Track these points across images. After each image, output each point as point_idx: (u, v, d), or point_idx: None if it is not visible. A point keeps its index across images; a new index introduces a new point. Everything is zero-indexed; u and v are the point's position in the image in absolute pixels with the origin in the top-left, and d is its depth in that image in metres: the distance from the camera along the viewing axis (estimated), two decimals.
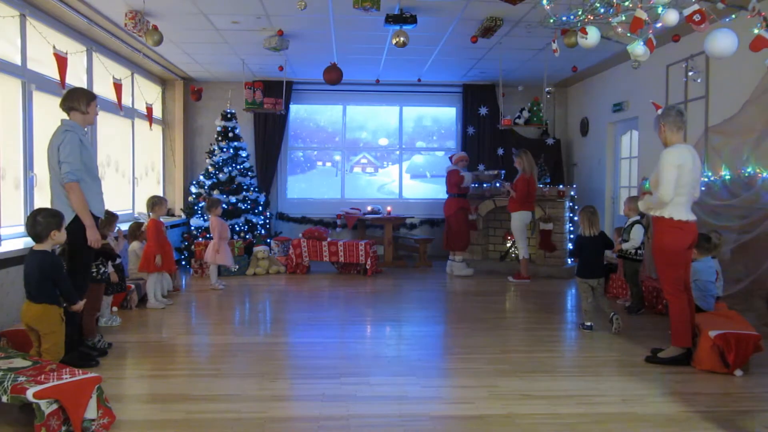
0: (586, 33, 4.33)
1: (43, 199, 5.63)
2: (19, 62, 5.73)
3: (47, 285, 3.86)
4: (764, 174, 5.33)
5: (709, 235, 5.22)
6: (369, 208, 10.20)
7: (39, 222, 3.85)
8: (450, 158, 9.04)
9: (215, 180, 9.07)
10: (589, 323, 5.43)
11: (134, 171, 8.78)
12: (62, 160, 4.19)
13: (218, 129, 9.34)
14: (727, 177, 5.77)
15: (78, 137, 4.28)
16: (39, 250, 3.89)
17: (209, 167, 9.20)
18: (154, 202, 6.48)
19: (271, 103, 8.85)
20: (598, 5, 4.24)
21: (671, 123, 4.45)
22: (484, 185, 9.14)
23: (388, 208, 10.09)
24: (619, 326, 5.30)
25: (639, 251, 6.11)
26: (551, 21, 4.64)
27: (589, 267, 5.49)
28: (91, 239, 4.26)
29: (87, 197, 4.30)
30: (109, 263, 5.12)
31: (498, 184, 8.94)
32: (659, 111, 4.53)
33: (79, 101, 4.38)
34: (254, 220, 9.32)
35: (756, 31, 3.70)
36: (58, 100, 4.52)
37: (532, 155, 8.21)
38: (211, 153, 9.27)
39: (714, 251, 5.24)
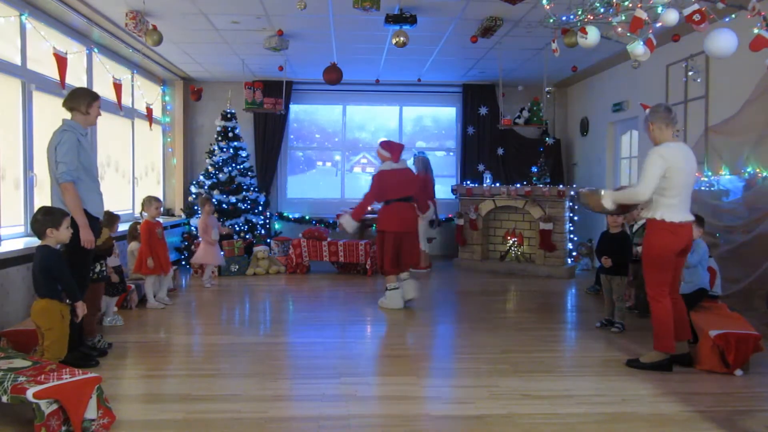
0: (586, 33, 4.33)
1: (43, 199, 5.62)
2: (19, 62, 5.73)
3: (48, 278, 3.91)
4: (764, 174, 5.33)
5: (701, 216, 5.07)
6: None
7: (37, 220, 3.97)
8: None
9: (215, 180, 9.07)
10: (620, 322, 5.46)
11: (134, 171, 8.78)
12: (58, 159, 4.20)
13: (218, 129, 9.34)
14: (727, 177, 5.77)
15: (76, 137, 4.28)
16: (42, 245, 3.98)
17: (209, 167, 9.20)
18: (143, 203, 6.47)
19: (271, 103, 8.85)
20: (598, 5, 4.24)
21: (659, 120, 4.29)
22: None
23: None
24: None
25: None
26: (551, 21, 4.63)
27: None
28: (83, 239, 4.25)
29: (86, 197, 4.31)
30: (107, 263, 5.12)
31: None
32: (647, 111, 4.40)
33: (80, 102, 4.38)
34: (254, 220, 9.32)
35: (756, 30, 3.70)
36: (58, 100, 4.53)
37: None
38: (211, 153, 9.26)
39: (714, 249, 5.21)
